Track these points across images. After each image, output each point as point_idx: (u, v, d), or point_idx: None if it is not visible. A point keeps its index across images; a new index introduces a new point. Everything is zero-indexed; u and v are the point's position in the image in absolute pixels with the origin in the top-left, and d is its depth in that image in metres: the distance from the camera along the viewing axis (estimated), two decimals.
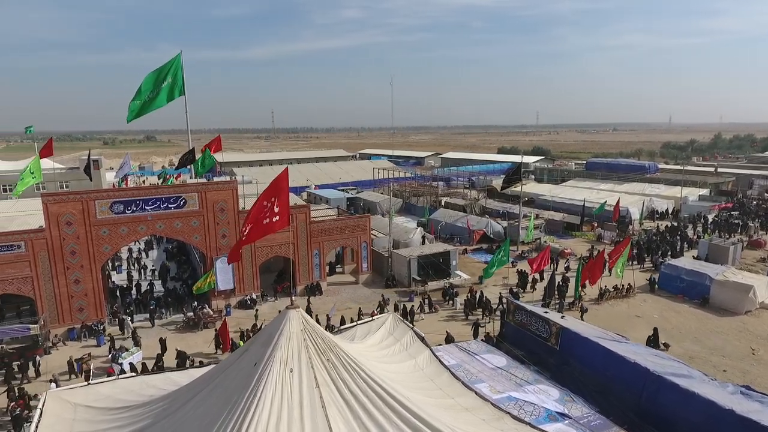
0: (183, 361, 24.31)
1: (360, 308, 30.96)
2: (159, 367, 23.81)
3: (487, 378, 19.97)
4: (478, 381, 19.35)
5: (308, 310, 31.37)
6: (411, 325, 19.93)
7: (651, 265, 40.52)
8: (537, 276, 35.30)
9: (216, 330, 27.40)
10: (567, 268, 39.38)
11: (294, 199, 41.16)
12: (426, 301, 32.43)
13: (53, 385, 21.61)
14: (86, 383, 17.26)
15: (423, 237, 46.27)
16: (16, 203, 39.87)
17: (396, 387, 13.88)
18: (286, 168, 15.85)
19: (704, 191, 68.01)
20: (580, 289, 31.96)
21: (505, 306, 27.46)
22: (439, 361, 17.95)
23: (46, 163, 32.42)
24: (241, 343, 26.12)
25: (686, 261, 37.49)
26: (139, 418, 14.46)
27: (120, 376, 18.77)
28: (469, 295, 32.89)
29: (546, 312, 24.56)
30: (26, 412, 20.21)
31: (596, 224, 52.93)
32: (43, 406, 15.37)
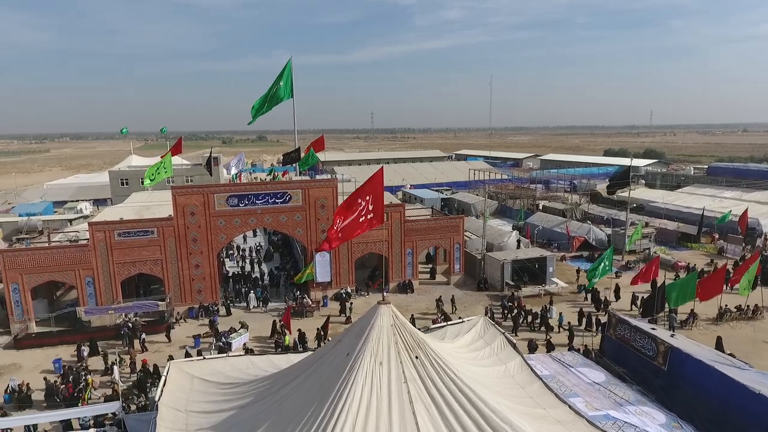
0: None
1: (412, 315, 30.12)
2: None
3: (583, 393, 19.00)
4: (572, 395, 18.51)
5: (441, 309, 31.39)
6: (502, 330, 19.61)
7: None
8: (613, 296, 32.94)
9: (281, 321, 29.00)
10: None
11: (389, 198, 42.14)
12: (488, 312, 31.44)
13: (114, 368, 23.87)
14: (202, 357, 19.31)
15: (518, 241, 44.92)
16: (151, 194, 45.49)
17: (484, 390, 13.82)
18: (381, 167, 16.48)
19: None
20: (692, 302, 28.94)
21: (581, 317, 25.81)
22: (531, 369, 17.48)
23: (176, 160, 36.71)
24: (287, 339, 27.32)
25: None
26: (243, 394, 15.90)
27: (230, 354, 20.80)
28: (516, 310, 31.38)
29: (653, 329, 22.73)
30: (84, 394, 22.10)
31: (717, 236, 47.53)
32: (167, 373, 17.48)
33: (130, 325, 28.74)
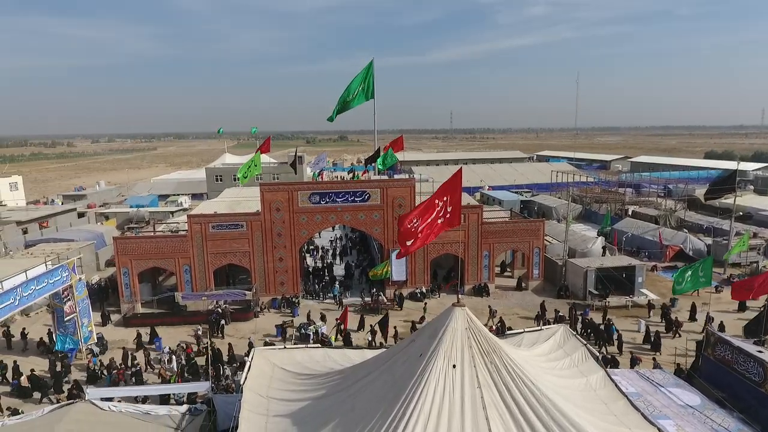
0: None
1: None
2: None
3: (674, 416, 17.61)
4: (662, 416, 17.22)
5: (498, 317, 30.41)
6: (584, 341, 18.70)
7: None
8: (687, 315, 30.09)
9: (337, 320, 29.39)
10: None
11: (467, 199, 41.61)
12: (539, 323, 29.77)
13: (173, 356, 25.33)
14: (283, 346, 20.35)
15: (604, 248, 42.46)
16: (241, 190, 48.64)
17: (563, 401, 13.30)
18: (460, 168, 16.32)
19: None
20: None
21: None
22: (616, 385, 16.51)
23: (264, 158, 38.96)
24: (332, 338, 27.39)
25: None
26: (318, 386, 16.50)
27: (309, 345, 21.76)
28: (569, 321, 29.35)
29: (760, 351, 20.49)
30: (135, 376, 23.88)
31: None
32: (251, 359, 18.62)
33: (219, 311, 30.96)
